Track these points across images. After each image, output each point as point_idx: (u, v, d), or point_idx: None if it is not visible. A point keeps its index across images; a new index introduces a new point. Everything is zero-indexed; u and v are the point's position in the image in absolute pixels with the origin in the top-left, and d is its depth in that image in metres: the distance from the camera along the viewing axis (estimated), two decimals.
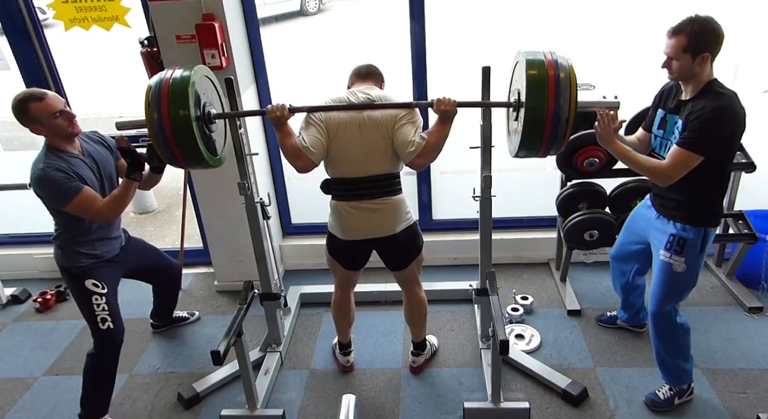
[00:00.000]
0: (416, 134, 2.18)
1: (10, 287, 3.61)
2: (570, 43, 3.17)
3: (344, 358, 2.76)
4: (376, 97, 2.23)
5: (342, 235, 2.36)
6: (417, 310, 2.60)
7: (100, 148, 2.46)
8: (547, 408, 2.46)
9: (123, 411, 2.63)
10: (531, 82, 1.94)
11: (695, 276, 2.23)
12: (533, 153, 2.09)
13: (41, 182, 2.19)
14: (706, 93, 2.00)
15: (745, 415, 2.36)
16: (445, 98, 2.15)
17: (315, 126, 2.21)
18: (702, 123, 1.94)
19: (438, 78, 3.19)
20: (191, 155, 2.08)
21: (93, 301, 2.35)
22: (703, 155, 1.97)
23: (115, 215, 2.35)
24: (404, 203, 2.36)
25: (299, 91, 3.35)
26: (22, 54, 3.20)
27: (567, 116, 1.93)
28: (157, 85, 2.01)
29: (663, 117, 2.20)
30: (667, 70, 2.05)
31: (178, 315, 3.17)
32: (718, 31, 1.93)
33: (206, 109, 2.16)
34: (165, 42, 2.80)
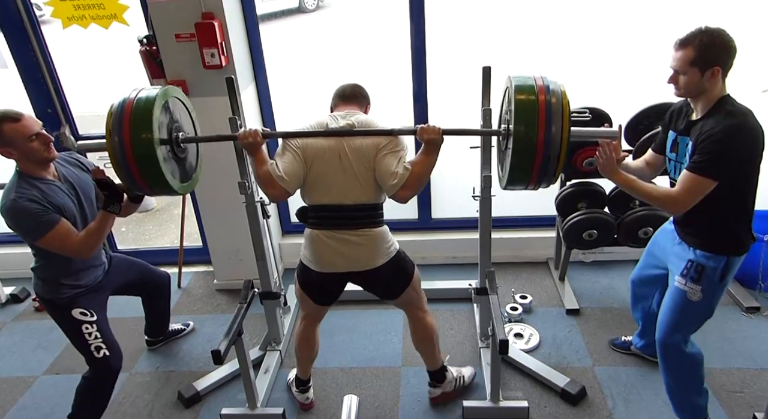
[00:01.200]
0: (399, 164, 2.02)
1: (9, 287, 3.61)
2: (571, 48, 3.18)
3: (302, 396, 2.53)
4: (356, 123, 2.09)
5: (316, 267, 2.17)
6: (422, 337, 2.40)
7: (77, 171, 2.31)
8: (546, 406, 2.47)
9: (123, 410, 2.64)
10: (519, 108, 1.82)
11: (712, 307, 2.06)
12: (523, 185, 1.97)
13: (12, 215, 2.04)
14: (717, 111, 1.83)
15: (741, 414, 2.37)
16: (429, 126, 2.02)
17: (291, 153, 2.07)
18: (713, 145, 1.78)
19: (437, 76, 3.20)
20: (156, 182, 1.97)
21: (84, 331, 2.23)
22: (716, 180, 1.80)
23: (91, 250, 2.18)
24: (386, 236, 2.18)
25: (298, 90, 3.35)
26: (20, 52, 3.19)
27: (559, 145, 1.80)
28: (119, 107, 1.91)
29: (674, 139, 2.04)
30: (674, 85, 1.90)
31: (172, 328, 3.06)
32: (730, 43, 1.79)
33: (174, 133, 2.07)
34: (164, 41, 2.79)
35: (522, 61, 3.21)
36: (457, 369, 2.56)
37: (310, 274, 2.21)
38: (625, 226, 2.91)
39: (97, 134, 3.62)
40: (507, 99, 2.05)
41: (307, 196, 2.16)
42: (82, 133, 3.47)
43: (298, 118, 3.42)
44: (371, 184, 2.08)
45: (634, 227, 2.89)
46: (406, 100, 3.26)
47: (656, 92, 2.83)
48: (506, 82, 2.05)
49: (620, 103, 2.98)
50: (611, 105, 2.90)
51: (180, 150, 2.13)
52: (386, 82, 3.34)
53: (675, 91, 1.92)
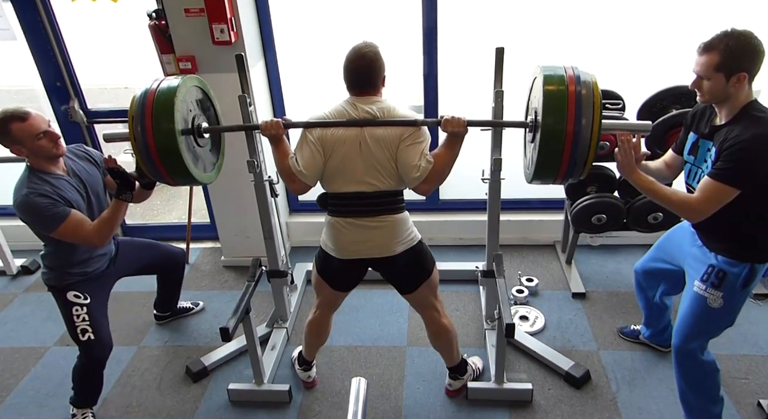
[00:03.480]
0: (422, 157, 1.97)
1: (20, 258, 3.65)
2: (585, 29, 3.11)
3: (305, 374, 2.55)
4: (378, 112, 2.00)
5: (336, 253, 2.14)
6: (437, 337, 2.34)
7: (86, 165, 2.34)
8: (550, 389, 2.49)
9: (132, 382, 2.69)
10: (548, 99, 1.75)
11: (733, 315, 1.98)
12: (550, 180, 1.90)
13: (25, 209, 2.08)
14: (744, 117, 1.75)
15: (746, 401, 2.39)
16: (453, 118, 1.96)
17: (309, 145, 2.02)
18: (738, 153, 1.70)
19: (448, 54, 3.15)
20: (177, 171, 1.99)
21: (73, 312, 2.25)
22: (739, 189, 1.73)
23: (105, 239, 2.21)
24: (406, 223, 2.13)
25: (307, 66, 3.31)
26: (29, 24, 3.17)
27: (589, 138, 1.73)
28: (142, 97, 1.92)
29: (695, 142, 1.96)
30: (697, 91, 1.82)
31: (182, 306, 3.09)
32: (758, 46, 1.70)
33: (196, 121, 2.08)
34: (173, 15, 2.76)
35: (535, 42, 3.15)
36: (471, 360, 2.57)
37: (331, 261, 2.18)
38: (634, 211, 2.89)
39: (105, 109, 3.62)
40: (535, 90, 1.99)
41: (327, 184, 2.12)
42: (90, 107, 3.45)
43: (307, 94, 3.41)
44: (392, 173, 2.03)
45: (643, 213, 2.87)
46: (416, 76, 3.22)
47: (671, 74, 2.78)
48: (534, 72, 1.98)
49: (635, 86, 2.93)
50: (625, 87, 2.86)
51: (202, 140, 2.13)
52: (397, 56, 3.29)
53: (698, 97, 1.85)
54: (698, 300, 1.97)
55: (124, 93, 6.33)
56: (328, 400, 2.51)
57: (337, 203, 2.11)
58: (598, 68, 3.15)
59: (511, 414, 2.38)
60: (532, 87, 2.06)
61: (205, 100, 2.22)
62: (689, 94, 2.73)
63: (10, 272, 3.60)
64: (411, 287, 2.23)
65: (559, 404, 2.42)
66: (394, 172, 2.03)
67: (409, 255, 2.14)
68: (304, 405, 2.49)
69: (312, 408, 2.48)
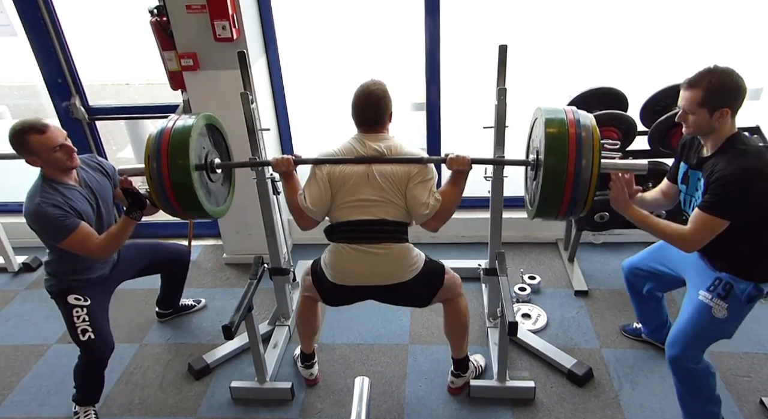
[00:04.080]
0: (430, 195, 2.04)
1: (21, 256, 3.65)
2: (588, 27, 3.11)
3: (307, 371, 2.56)
4: (386, 149, 2.09)
5: (335, 278, 2.14)
6: (453, 321, 2.35)
7: (98, 175, 2.38)
8: (552, 387, 2.49)
9: (134, 380, 2.69)
10: (550, 141, 1.83)
11: (734, 327, 2.02)
12: (552, 217, 1.97)
13: (36, 218, 2.11)
14: (728, 150, 1.84)
15: (748, 398, 2.39)
16: (459, 157, 2.03)
17: (318, 182, 2.10)
18: (723, 187, 1.78)
19: (451, 55, 3.14)
20: (191, 206, 2.06)
21: (73, 313, 2.27)
22: (728, 220, 1.81)
23: (109, 253, 2.26)
24: (412, 250, 2.15)
25: (309, 62, 3.30)
26: (30, 20, 3.15)
27: (589, 178, 1.80)
28: (158, 135, 1.98)
29: (686, 172, 2.05)
30: (683, 123, 1.91)
31: (184, 303, 3.09)
32: (739, 84, 1.79)
33: (209, 158, 2.15)
34: (175, 11, 2.75)
35: (539, 40, 3.14)
36: (473, 358, 2.57)
37: (323, 281, 2.20)
38: None
39: (106, 105, 3.61)
40: (536, 130, 2.05)
41: (333, 215, 2.15)
42: (92, 104, 3.44)
43: (309, 90, 3.41)
44: (399, 207, 2.08)
45: None
46: (418, 73, 3.21)
47: (673, 72, 2.78)
48: (535, 113, 2.05)
49: (637, 84, 2.93)
50: (628, 85, 2.85)
51: (215, 175, 2.21)
52: (398, 52, 3.29)
53: (684, 130, 1.93)
54: (703, 309, 1.99)
55: (125, 89, 6.32)
56: (330, 398, 2.51)
57: (343, 231, 2.13)
58: (602, 66, 3.18)
59: (514, 412, 2.38)
60: (533, 126, 2.11)
61: (217, 135, 2.28)
62: None
63: (12, 270, 3.60)
64: (426, 302, 2.26)
65: (561, 402, 2.42)
66: (400, 206, 2.09)
67: (419, 279, 2.14)
68: (306, 403, 2.49)
69: (314, 405, 2.48)
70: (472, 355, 2.58)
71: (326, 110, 3.53)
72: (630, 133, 2.79)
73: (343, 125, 3.52)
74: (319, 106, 3.53)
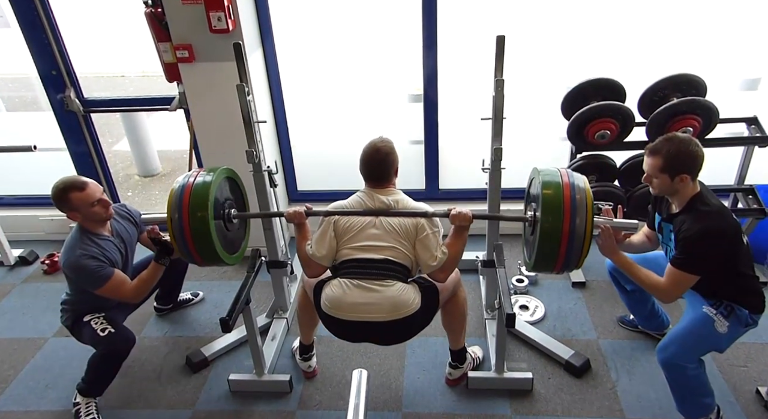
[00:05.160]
0: (438, 248, 2.11)
1: (17, 249, 3.64)
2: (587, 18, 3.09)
3: (305, 364, 2.57)
4: (393, 203, 2.17)
5: (327, 309, 2.09)
6: (451, 312, 2.35)
7: (126, 224, 2.52)
8: (550, 378, 2.50)
9: (132, 373, 2.69)
10: (546, 202, 1.93)
11: (729, 343, 2.10)
12: (548, 270, 2.06)
13: (76, 269, 2.25)
14: (691, 210, 1.98)
15: (745, 388, 2.40)
16: (461, 213, 2.11)
17: (324, 231, 2.18)
18: (689, 247, 1.94)
19: (448, 43, 3.12)
20: (208, 255, 2.16)
21: (92, 323, 2.35)
22: (697, 275, 1.95)
23: (141, 296, 2.44)
24: (413, 291, 2.10)
25: (306, 54, 3.28)
26: (23, 11, 3.12)
27: (582, 236, 1.90)
28: (180, 191, 2.11)
29: (660, 223, 2.19)
30: (649, 185, 2.05)
31: (181, 297, 3.10)
32: (696, 152, 1.92)
33: (227, 210, 2.27)
34: (170, 2, 2.72)
35: (536, 31, 3.12)
36: (471, 350, 2.57)
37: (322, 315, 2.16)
38: (635, 200, 2.88)
39: (102, 98, 3.59)
40: (533, 189, 2.15)
41: (338, 255, 2.19)
42: (86, 96, 3.42)
43: (306, 82, 3.38)
44: (404, 253, 2.13)
45: (644, 201, 2.85)
46: (416, 65, 3.19)
47: (671, 63, 2.77)
48: (532, 173, 2.16)
49: (635, 74, 2.92)
50: (625, 76, 2.84)
51: (231, 225, 2.31)
52: (396, 44, 3.27)
53: (651, 190, 2.08)
54: (706, 320, 2.05)
55: (120, 81, 6.29)
56: (328, 390, 2.52)
57: (346, 267, 2.14)
58: (599, 57, 3.16)
59: (512, 403, 2.39)
60: (531, 184, 2.20)
61: (234, 186, 2.41)
62: (689, 83, 2.71)
63: (8, 263, 3.59)
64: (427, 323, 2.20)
65: (559, 393, 2.43)
66: (405, 252, 2.13)
67: (415, 316, 2.08)
68: (304, 395, 2.50)
69: (313, 398, 2.49)
70: (470, 347, 2.59)
71: (323, 101, 3.51)
72: (628, 124, 2.78)
73: (340, 118, 3.52)
74: (316, 97, 3.51)
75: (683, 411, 2.19)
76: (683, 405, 2.18)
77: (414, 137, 3.44)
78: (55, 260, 3.51)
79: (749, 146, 2.91)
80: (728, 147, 2.92)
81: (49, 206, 3.76)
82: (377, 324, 2.06)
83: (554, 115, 2.93)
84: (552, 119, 3.00)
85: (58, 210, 2.30)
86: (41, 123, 4.14)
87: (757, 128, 2.85)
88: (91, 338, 2.35)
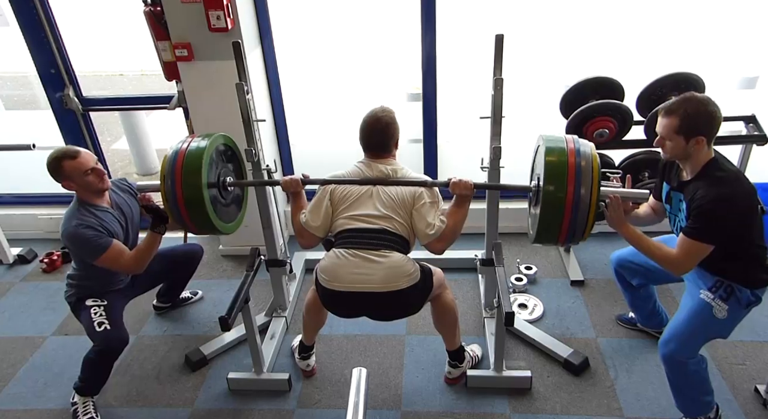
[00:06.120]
0: (436, 216, 2.05)
1: (16, 247, 3.64)
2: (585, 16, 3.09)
3: (303, 363, 2.55)
4: (391, 172, 2.15)
5: (325, 282, 2.06)
6: (441, 315, 2.33)
7: (127, 197, 2.52)
8: (549, 376, 2.50)
9: (131, 372, 2.69)
10: (549, 169, 1.86)
11: (730, 328, 2.04)
12: (551, 242, 2.00)
13: (73, 239, 2.26)
14: (706, 176, 1.89)
15: (743, 386, 2.40)
16: (461, 181, 2.06)
17: (319, 201, 2.15)
18: (704, 214, 1.84)
19: (446, 42, 3.12)
20: (201, 222, 2.15)
21: (91, 311, 2.37)
22: (712, 244, 1.86)
23: (141, 267, 2.40)
24: (410, 260, 2.08)
25: (304, 53, 3.28)
26: (22, 9, 3.12)
27: (588, 206, 1.83)
28: (173, 156, 2.09)
29: (668, 192, 2.10)
30: (661, 149, 1.96)
31: (181, 296, 3.11)
32: (714, 113, 1.83)
33: (222, 176, 2.24)
34: (169, 1, 2.72)
35: (535, 30, 3.12)
36: (470, 348, 2.57)
37: (319, 289, 2.15)
38: None
39: (100, 96, 3.59)
40: (538, 157, 2.08)
41: (333, 226, 2.16)
42: (85, 94, 3.42)
43: (305, 81, 3.38)
44: (401, 224, 2.10)
45: None
46: (414, 63, 3.19)
47: (670, 62, 2.76)
48: (537, 140, 2.09)
49: (633, 73, 2.92)
50: (624, 75, 2.84)
51: (226, 193, 2.29)
52: (395, 44, 3.27)
53: (662, 154, 1.98)
54: (704, 308, 2.00)
55: (119, 80, 6.28)
56: (327, 389, 2.52)
57: (342, 238, 2.12)
58: (598, 56, 3.16)
59: (510, 401, 2.40)
60: (536, 154, 2.13)
61: (231, 154, 2.37)
62: (688, 81, 2.71)
63: (7, 261, 3.59)
64: (418, 309, 2.20)
65: (558, 391, 2.43)
66: (402, 223, 2.10)
67: (415, 289, 2.07)
68: (303, 394, 2.50)
69: (312, 396, 2.49)
70: (469, 345, 2.59)
71: (322, 100, 3.52)
72: (626, 122, 2.78)
73: (339, 117, 3.52)
74: (315, 96, 3.51)
75: (682, 408, 2.19)
76: (683, 402, 2.17)
77: (412, 136, 3.44)
78: (54, 259, 3.51)
79: (747, 145, 2.91)
80: (726, 145, 2.92)
81: (48, 204, 3.81)
82: (372, 295, 2.03)
83: (553, 113, 2.93)
84: (551, 117, 3.00)
85: (54, 181, 2.26)
86: (40, 122, 4.14)
87: (755, 127, 2.85)
88: (87, 327, 2.35)
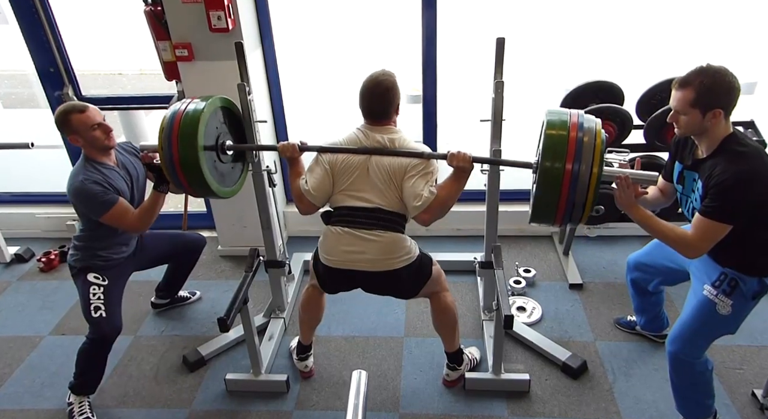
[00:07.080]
0: (425, 187, 2.01)
1: (13, 246, 3.62)
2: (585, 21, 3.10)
3: (302, 364, 2.55)
4: (388, 142, 2.11)
5: (325, 260, 2.14)
6: (441, 317, 2.34)
7: (133, 159, 2.53)
8: (547, 379, 2.50)
9: (129, 372, 2.68)
10: (548, 143, 1.79)
11: (737, 324, 1.98)
12: (548, 222, 1.92)
13: (79, 195, 2.27)
14: (725, 152, 1.78)
15: (740, 390, 2.41)
16: (459, 153, 2.01)
17: (321, 168, 2.14)
18: (724, 192, 1.73)
19: (447, 44, 3.12)
20: (197, 183, 2.12)
21: (90, 290, 2.37)
22: (731, 224, 1.76)
23: (146, 225, 2.41)
24: (405, 241, 2.11)
25: (305, 54, 3.28)
26: (21, 7, 3.11)
27: (587, 185, 1.75)
28: (171, 118, 2.06)
29: (681, 172, 2.00)
30: (675, 124, 1.85)
31: (179, 295, 3.10)
32: (733, 84, 1.73)
33: (221, 139, 2.22)
34: (170, 1, 2.71)
35: (535, 34, 3.13)
36: (468, 351, 2.57)
37: (318, 265, 2.21)
38: None
39: (100, 95, 3.58)
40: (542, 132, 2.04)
41: (331, 201, 2.18)
42: (84, 93, 3.41)
43: (305, 81, 3.39)
44: (395, 199, 2.09)
45: None
46: (415, 64, 3.19)
47: (669, 66, 2.77)
48: (545, 115, 2.03)
49: (633, 77, 2.93)
50: (624, 79, 2.85)
51: (225, 156, 2.26)
52: (395, 45, 3.28)
53: (676, 130, 1.88)
54: (707, 305, 1.96)
55: (118, 79, 6.26)
56: (325, 390, 2.51)
57: (338, 215, 2.15)
58: (598, 60, 3.18)
59: (509, 404, 2.40)
60: (542, 130, 2.07)
61: (233, 119, 2.34)
62: None
63: (3, 260, 3.57)
64: (412, 294, 2.25)
65: (556, 394, 2.43)
66: (396, 198, 2.09)
67: (409, 271, 2.12)
68: (301, 395, 2.50)
69: (310, 398, 2.48)
70: (467, 348, 2.59)
71: (322, 101, 3.52)
72: (626, 127, 2.79)
73: (339, 118, 3.52)
74: (315, 97, 3.51)
75: (683, 410, 2.18)
76: (684, 404, 2.16)
77: (412, 138, 3.43)
78: (51, 258, 3.50)
79: None
80: None
81: (47, 203, 3.79)
82: (363, 274, 2.09)
83: None
84: None
85: (61, 135, 2.29)
86: (39, 120, 4.13)
87: (754, 132, 2.86)
88: (84, 305, 2.37)
